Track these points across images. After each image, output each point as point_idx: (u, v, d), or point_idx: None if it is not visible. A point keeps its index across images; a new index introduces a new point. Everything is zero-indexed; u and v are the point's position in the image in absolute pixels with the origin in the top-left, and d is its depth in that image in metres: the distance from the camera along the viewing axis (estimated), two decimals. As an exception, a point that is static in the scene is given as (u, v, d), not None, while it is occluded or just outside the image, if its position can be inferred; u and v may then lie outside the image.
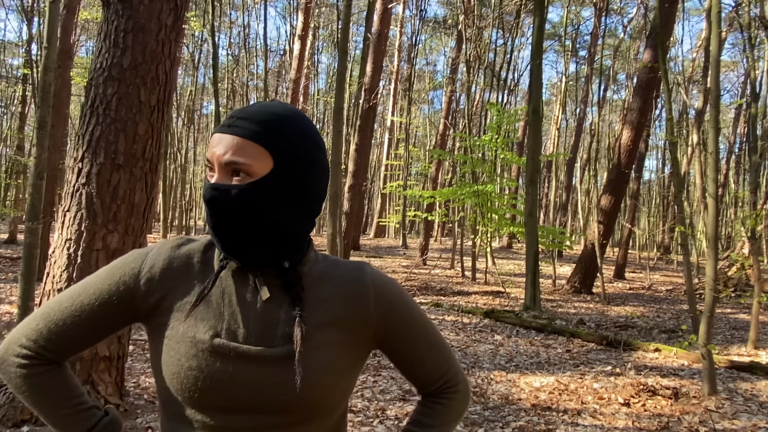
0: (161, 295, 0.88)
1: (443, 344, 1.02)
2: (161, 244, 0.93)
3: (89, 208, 3.20)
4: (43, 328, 0.89)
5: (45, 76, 4.37)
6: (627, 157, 11.49)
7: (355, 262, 0.97)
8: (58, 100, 8.55)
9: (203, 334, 0.84)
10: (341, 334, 0.89)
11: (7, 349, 0.90)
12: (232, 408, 0.84)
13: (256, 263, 0.88)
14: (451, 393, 1.02)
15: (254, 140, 0.84)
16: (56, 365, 0.92)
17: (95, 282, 0.91)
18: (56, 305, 0.91)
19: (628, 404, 4.46)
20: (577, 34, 26.75)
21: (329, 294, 0.90)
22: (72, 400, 0.92)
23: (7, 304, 6.64)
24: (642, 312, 9.70)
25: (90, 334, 0.91)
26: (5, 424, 3.19)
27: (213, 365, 0.83)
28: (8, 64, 31.42)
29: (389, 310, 0.93)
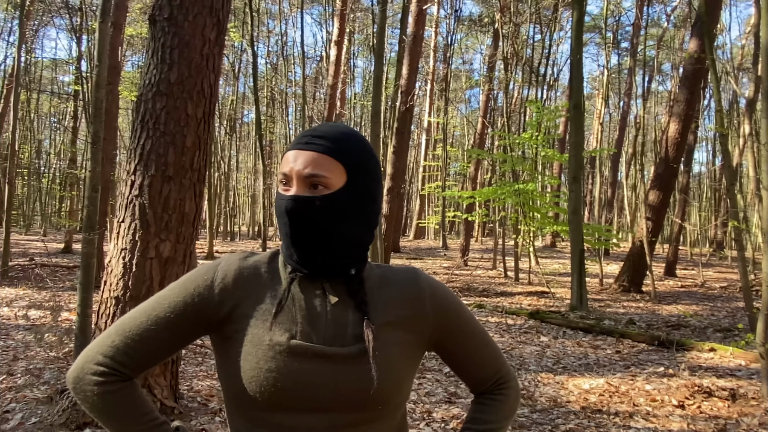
0: (234, 304, 0.93)
1: (493, 343, 1.07)
2: (228, 257, 0.98)
3: (142, 218, 3.34)
4: (119, 344, 0.92)
5: (97, 92, 4.58)
6: (675, 150, 11.12)
7: (407, 267, 1.04)
8: (109, 114, 8.91)
9: (280, 337, 0.89)
10: (403, 333, 0.95)
11: (82, 368, 0.93)
12: (308, 408, 0.88)
13: (324, 272, 0.94)
14: (504, 389, 1.07)
15: (331, 155, 0.92)
16: (130, 381, 0.94)
17: (169, 295, 0.95)
18: (131, 321, 0.94)
19: (682, 406, 4.32)
20: (618, 26, 26.05)
21: (389, 296, 0.97)
22: (144, 416, 0.94)
23: (66, 312, 6.95)
24: (695, 310, 9.36)
25: (165, 347, 0.94)
26: (69, 426, 3.35)
27: (291, 366, 0.88)
28: (60, 81, 32.93)
29: (444, 311, 1.00)
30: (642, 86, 19.68)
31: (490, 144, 21.68)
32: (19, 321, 6.47)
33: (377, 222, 1.01)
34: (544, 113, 12.10)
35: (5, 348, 5.30)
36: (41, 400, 3.83)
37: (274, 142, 31.08)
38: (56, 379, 4.32)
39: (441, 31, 26.59)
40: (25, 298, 8.05)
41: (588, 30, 24.81)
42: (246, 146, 35.72)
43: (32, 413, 3.57)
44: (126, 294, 3.34)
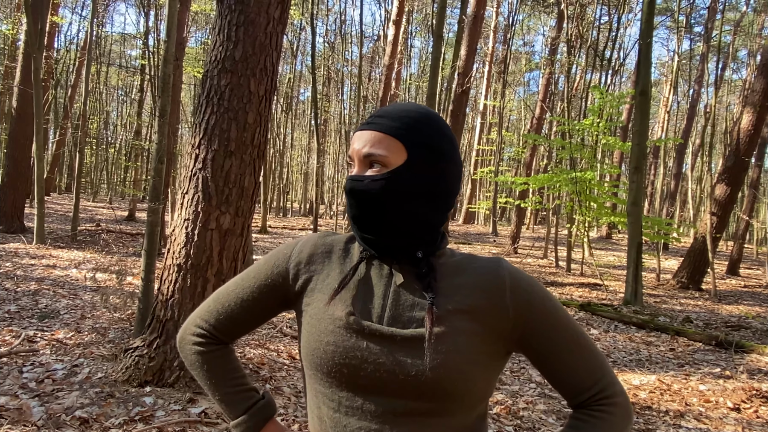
0: (307, 278, 0.97)
1: (594, 348, 0.93)
2: (310, 236, 1.03)
3: (205, 191, 3.46)
4: (213, 310, 1.03)
5: (164, 67, 4.75)
6: (747, 142, 10.53)
7: (491, 257, 0.96)
8: (174, 88, 9.22)
9: (341, 312, 0.90)
10: (475, 324, 0.88)
11: (186, 329, 1.05)
12: (365, 386, 0.87)
13: (391, 252, 0.93)
14: (608, 405, 0.91)
15: (390, 134, 0.91)
16: (224, 345, 1.05)
17: (256, 268, 1.03)
18: (225, 289, 1.04)
19: (737, 409, 4.16)
20: (692, 9, 24.65)
21: (463, 283, 0.91)
22: (236, 380, 1.03)
23: (130, 276, 7.33)
24: (758, 312, 8.92)
25: (251, 316, 1.02)
26: (131, 383, 3.56)
27: (348, 340, 0.88)
28: (128, 55, 34.22)
29: (527, 305, 0.90)
30: (714, 73, 18.61)
31: (548, 130, 21.11)
32: (86, 282, 6.88)
33: (450, 204, 0.96)
34: (607, 99, 11.66)
35: (74, 307, 5.65)
36: (106, 357, 4.08)
37: (328, 120, 31.34)
38: (120, 339, 4.59)
39: (502, 11, 25.94)
40: (92, 262, 8.53)
41: (659, 12, 23.60)
42: (301, 124, 36.22)
43: (98, 369, 3.81)
44: (187, 262, 3.49)
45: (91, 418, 3.06)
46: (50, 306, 5.56)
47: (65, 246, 9.88)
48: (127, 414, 3.15)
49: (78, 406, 3.19)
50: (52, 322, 5.01)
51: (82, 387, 3.47)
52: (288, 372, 4.20)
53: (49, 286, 6.44)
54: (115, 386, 3.52)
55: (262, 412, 1.02)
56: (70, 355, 4.08)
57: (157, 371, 3.54)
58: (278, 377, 4.04)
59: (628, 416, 0.93)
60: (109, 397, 3.37)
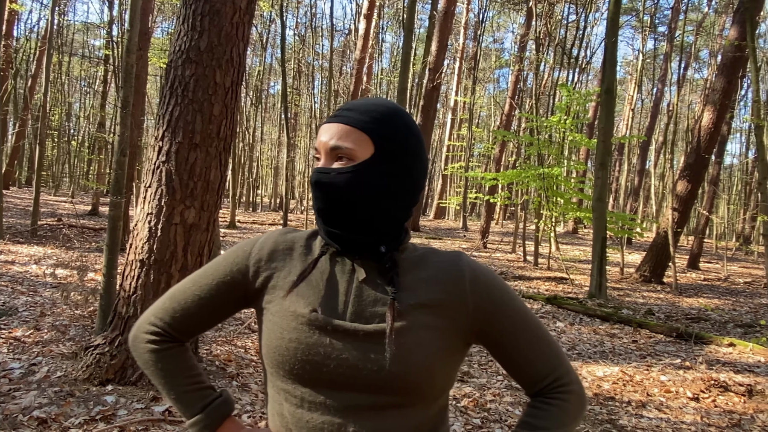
0: (268, 275, 0.96)
1: (550, 339, 0.96)
2: (270, 232, 1.01)
3: (168, 184, 3.38)
4: (169, 308, 1.00)
5: (127, 57, 4.62)
6: (707, 140, 10.85)
7: (451, 251, 0.97)
8: (138, 80, 8.99)
9: (303, 309, 0.90)
10: (436, 318, 0.89)
11: (139, 327, 1.02)
12: (329, 382, 0.87)
13: (354, 247, 0.93)
14: (564, 393, 0.94)
15: (357, 127, 0.90)
16: (180, 344, 1.02)
17: (214, 265, 1.00)
18: (181, 287, 1.02)
19: (697, 399, 4.30)
20: (656, 9, 25.23)
21: (425, 277, 0.92)
22: (191, 378, 1.01)
23: (92, 272, 7.14)
24: (716, 304, 9.22)
25: (209, 314, 1.00)
26: (92, 382, 3.47)
27: (311, 337, 0.88)
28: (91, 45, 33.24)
29: (486, 297, 0.91)
30: (677, 73, 19.13)
31: (517, 126, 21.37)
32: (46, 279, 6.67)
33: (416, 200, 0.97)
34: (574, 97, 11.85)
35: (33, 304, 5.47)
36: (66, 355, 3.96)
37: (299, 114, 31.08)
38: (81, 336, 4.46)
39: (473, 8, 26.09)
40: (53, 257, 8.28)
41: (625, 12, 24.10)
42: (271, 118, 35.82)
43: (57, 367, 3.70)
44: (150, 257, 3.41)
45: (49, 418, 2.97)
46: (8, 303, 5.38)
47: (24, 241, 9.56)
48: (87, 413, 3.06)
49: (36, 406, 3.09)
50: (10, 319, 4.84)
51: (41, 386, 3.36)
52: (255, 368, 4.15)
53: (7, 283, 6.22)
54: (75, 385, 3.43)
55: (219, 410, 1.00)
56: (28, 354, 3.95)
57: (119, 369, 3.46)
58: (245, 374, 3.99)
59: (582, 403, 0.96)
60: (69, 396, 3.27)
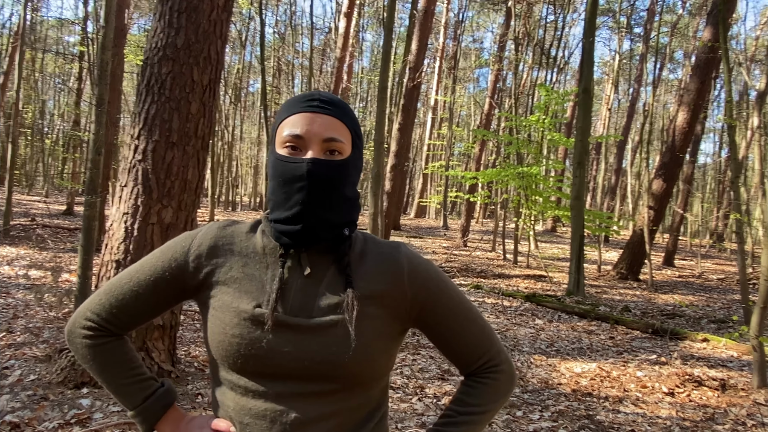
0: (208, 271, 0.96)
1: (482, 322, 1.02)
2: (209, 226, 1.01)
3: (145, 183, 3.33)
4: (105, 303, 0.99)
5: (102, 54, 4.53)
6: (682, 139, 11.05)
7: (391, 242, 1.01)
8: (113, 77, 8.85)
9: (247, 305, 0.91)
10: (378, 308, 0.93)
11: (74, 322, 1.01)
12: (272, 374, 0.89)
13: (313, 238, 0.93)
14: (494, 373, 1.01)
15: (344, 123, 0.94)
16: (117, 337, 1.02)
17: (151, 260, 0.99)
18: (117, 282, 1.00)
19: (672, 394, 4.38)
20: (632, 10, 25.63)
21: (367, 270, 0.95)
22: (131, 370, 1.01)
23: (67, 273, 7.00)
24: (691, 301, 9.41)
25: (146, 309, 0.99)
26: (66, 385, 3.40)
27: (254, 333, 0.89)
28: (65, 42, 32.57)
29: (423, 287, 0.96)
30: (653, 73, 19.44)
31: (497, 125, 21.51)
32: (19, 280, 6.52)
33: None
34: (552, 96, 11.98)
35: (5, 306, 5.35)
36: (40, 358, 3.88)
37: (278, 113, 30.81)
38: (55, 339, 4.37)
39: (452, 7, 26.19)
40: (26, 258, 8.10)
41: (602, 13, 24.40)
42: (250, 116, 35.51)
43: (30, 371, 3.62)
44: (127, 258, 3.35)
45: (22, 422, 2.90)
46: (-22, 305, 5.25)
47: (-4, 242, 9.34)
48: (62, 417, 3.00)
49: (8, 410, 3.02)
50: (-20, 322, 4.72)
51: (13, 390, 3.28)
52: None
53: (-23, 285, 6.07)
54: (49, 388, 3.36)
55: (161, 399, 1.01)
56: (0, 357, 3.86)
57: (95, 371, 3.40)
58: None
59: (512, 380, 1.03)
60: (43, 399, 3.21)
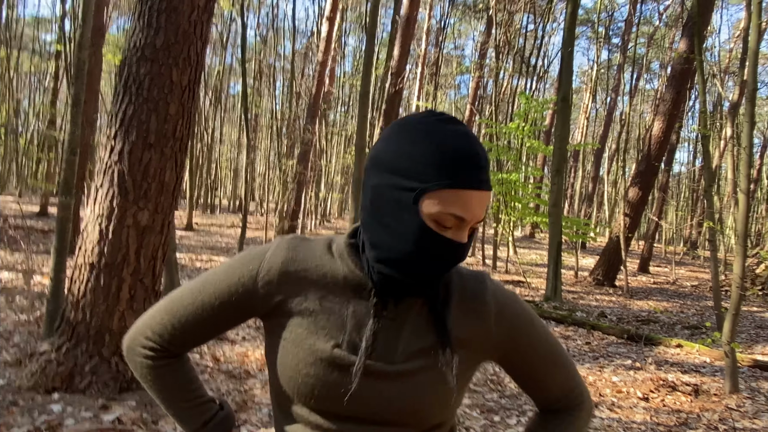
0: (281, 299, 0.87)
1: (567, 362, 0.96)
2: (278, 245, 0.90)
3: (121, 185, 3.28)
4: (167, 323, 0.92)
5: (79, 53, 4.46)
6: (657, 148, 11.26)
7: (476, 274, 0.92)
8: (91, 77, 8.70)
9: (324, 344, 0.84)
10: (462, 352, 0.86)
11: (133, 340, 0.95)
12: (347, 417, 0.84)
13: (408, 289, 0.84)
14: (574, 410, 0.96)
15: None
16: (178, 358, 0.97)
17: (215, 281, 0.91)
18: (179, 301, 0.93)
19: (646, 399, 4.44)
20: (610, 21, 26.09)
21: (452, 310, 0.87)
22: (191, 392, 0.97)
23: (40, 276, 6.85)
24: (665, 307, 9.57)
25: (210, 330, 0.93)
26: (37, 390, 3.32)
27: (330, 375, 0.83)
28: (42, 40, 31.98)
29: (510, 327, 0.90)
30: (630, 83, 19.81)
31: (477, 132, 21.68)
32: (-11, 282, 6.35)
33: None
34: (532, 104, 12.12)
35: (-26, 309, 5.21)
36: (10, 362, 3.78)
37: (259, 116, 30.69)
38: (26, 343, 4.27)
39: (435, 14, 26.36)
40: (-3, 260, 7.90)
41: (580, 23, 24.81)
42: (231, 119, 35.24)
43: (0, 375, 3.53)
44: (101, 261, 3.29)
45: (-11, 429, 2.82)
46: (-55, 308, 5.10)
47: (-35, 243, 9.09)
48: (32, 423, 2.93)
49: (-26, 417, 2.93)
50: (-53, 325, 4.58)
51: (-20, 396, 3.19)
52: (210, 375, 4.06)
53: (-56, 287, 5.90)
54: (19, 393, 3.27)
55: (220, 426, 0.98)
56: (-33, 362, 3.75)
57: (67, 377, 3.32)
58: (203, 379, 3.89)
59: (590, 416, 0.99)
60: (12, 405, 3.12)
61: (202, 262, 10.29)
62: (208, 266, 9.80)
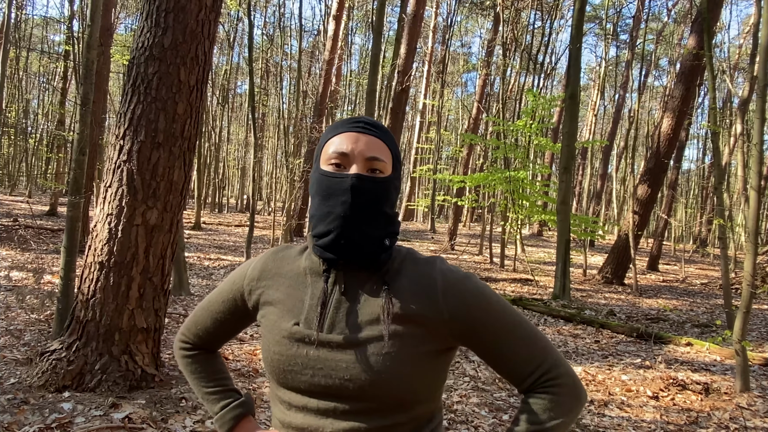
0: (260, 293, 1.05)
1: (533, 333, 0.96)
2: (266, 252, 1.10)
3: (130, 184, 3.29)
4: (192, 324, 1.18)
5: (88, 53, 4.48)
6: (666, 145, 11.18)
7: (429, 258, 1.01)
8: (99, 77, 8.75)
9: (287, 323, 0.98)
10: (414, 327, 0.93)
11: (177, 336, 1.22)
12: (309, 390, 0.94)
13: (357, 253, 0.95)
14: (552, 387, 0.93)
15: (387, 144, 1.01)
16: (206, 351, 1.19)
17: (222, 288, 1.13)
18: (201, 305, 1.17)
19: (656, 398, 4.41)
20: (618, 17, 25.91)
21: (402, 288, 0.96)
22: (215, 381, 1.17)
23: (50, 275, 6.90)
24: (675, 305, 9.51)
25: (223, 330, 1.15)
26: (47, 388, 3.35)
27: (290, 350, 0.96)
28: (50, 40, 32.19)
29: (461, 303, 0.93)
30: (638, 80, 19.66)
31: (484, 130, 21.61)
32: (1, 281, 6.41)
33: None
34: (539, 102, 12.06)
35: (-14, 308, 5.25)
36: (21, 361, 3.81)
37: (266, 115, 30.76)
38: (37, 341, 4.30)
39: (441, 12, 26.31)
40: (8, 259, 7.97)
41: (588, 20, 24.66)
42: (238, 118, 35.35)
43: (11, 374, 3.56)
44: (111, 260, 3.31)
45: (2, 426, 2.85)
46: (-43, 307, 5.15)
47: (-23, 242, 9.17)
48: (42, 421, 2.95)
49: (-14, 415, 2.96)
50: (-41, 324, 4.63)
51: (-8, 394, 3.22)
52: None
53: (-44, 286, 5.96)
54: (30, 392, 3.30)
55: (234, 410, 1.12)
56: (-21, 360, 3.78)
57: (77, 375, 3.34)
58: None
59: (577, 396, 0.95)
60: (23, 403, 3.15)
61: (211, 261, 10.34)
62: (216, 265, 9.84)
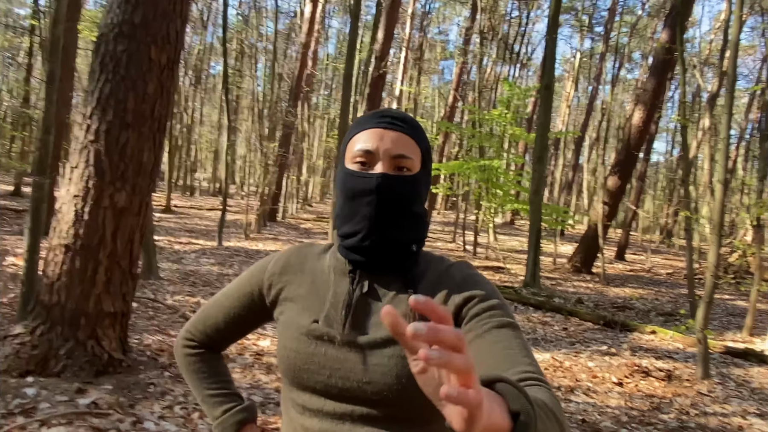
0: (279, 288, 1.00)
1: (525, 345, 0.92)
2: (289, 248, 1.06)
3: (97, 165, 3.20)
4: (201, 320, 1.10)
5: (54, 29, 4.31)
6: (637, 138, 11.39)
7: (455, 262, 0.99)
8: (66, 53, 8.45)
9: (306, 320, 0.93)
10: None
11: (180, 334, 1.14)
12: (325, 392, 0.90)
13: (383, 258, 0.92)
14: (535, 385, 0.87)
15: (414, 140, 0.94)
16: (210, 350, 1.12)
17: (239, 282, 1.07)
18: (213, 300, 1.10)
19: (621, 384, 4.53)
20: (594, 9, 26.17)
21: (425, 289, 0.93)
22: (217, 384, 1.09)
23: (13, 257, 6.70)
24: (641, 294, 9.75)
25: (234, 325, 1.07)
26: (10, 373, 3.26)
27: (308, 347, 0.91)
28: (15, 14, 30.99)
29: (469, 296, 0.91)
30: (611, 72, 19.94)
31: (460, 118, 21.68)
32: (-40, 263, 6.20)
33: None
34: (515, 92, 12.13)
35: (-56, 290, 5.08)
36: (-18, 345, 3.70)
37: (240, 97, 30.26)
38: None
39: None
40: (-32, 240, 7.71)
41: (565, 11, 24.81)
42: (211, 99, 34.67)
43: (-29, 358, 3.45)
44: (76, 243, 3.22)
45: (-40, 412, 2.76)
46: None
47: (-65, 222, 8.85)
48: (5, 407, 2.88)
49: (-55, 401, 2.87)
50: None
51: (-49, 379, 3.12)
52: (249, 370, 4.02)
53: None
54: (-9, 377, 3.21)
55: (236, 415, 1.06)
56: (-63, 344, 3.66)
57: (41, 360, 3.26)
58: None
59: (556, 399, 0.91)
60: (-16, 389, 3.06)
61: (181, 244, 10.18)
62: (186, 249, 9.69)
